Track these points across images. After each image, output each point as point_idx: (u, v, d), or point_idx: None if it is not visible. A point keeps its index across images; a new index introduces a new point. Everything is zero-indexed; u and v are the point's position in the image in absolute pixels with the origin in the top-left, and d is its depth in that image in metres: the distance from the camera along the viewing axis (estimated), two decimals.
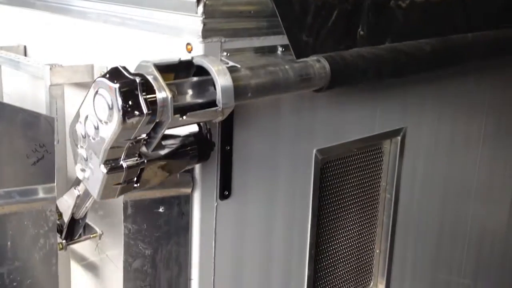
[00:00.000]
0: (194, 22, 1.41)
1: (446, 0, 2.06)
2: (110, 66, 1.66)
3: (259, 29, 1.55)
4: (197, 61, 1.28)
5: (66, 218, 1.49)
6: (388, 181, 2.07)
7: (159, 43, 1.51)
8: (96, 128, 1.17)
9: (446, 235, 2.47)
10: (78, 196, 1.44)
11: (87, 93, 1.19)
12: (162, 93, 1.16)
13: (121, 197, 1.46)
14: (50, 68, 1.64)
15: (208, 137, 1.44)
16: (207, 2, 1.39)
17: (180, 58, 1.27)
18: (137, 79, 1.14)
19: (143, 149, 1.25)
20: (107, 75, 1.14)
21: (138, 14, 1.55)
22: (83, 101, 1.21)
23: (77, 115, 1.23)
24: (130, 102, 1.12)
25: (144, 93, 1.13)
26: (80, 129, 1.22)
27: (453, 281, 2.63)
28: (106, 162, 1.18)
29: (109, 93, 1.13)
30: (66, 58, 1.79)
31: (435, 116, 2.22)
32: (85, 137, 1.21)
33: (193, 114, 1.24)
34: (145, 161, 1.24)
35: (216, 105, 1.26)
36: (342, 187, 1.91)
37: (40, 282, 1.40)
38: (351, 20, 1.71)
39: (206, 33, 1.41)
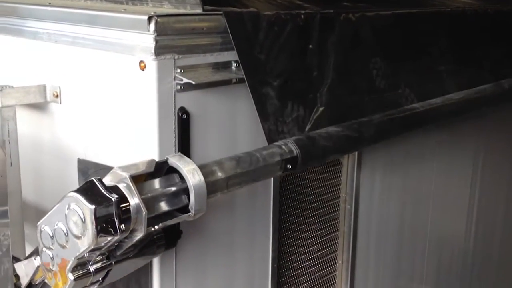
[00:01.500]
0: (146, 40, 1.40)
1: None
2: (62, 86, 1.66)
3: (212, 45, 1.55)
4: (171, 163, 1.28)
5: (23, 282, 1.47)
6: (347, 192, 2.10)
7: (112, 62, 1.50)
8: (66, 236, 1.17)
9: (406, 244, 2.51)
10: (38, 267, 1.42)
11: (60, 201, 1.19)
12: (139, 212, 1.16)
13: None
14: (1, 90, 1.60)
15: (176, 225, 1.44)
16: (158, 19, 1.39)
17: (155, 164, 1.27)
18: (113, 198, 1.14)
19: (113, 251, 1.26)
20: (83, 190, 1.14)
21: (90, 33, 1.54)
22: (54, 207, 1.20)
23: (48, 217, 1.22)
24: (104, 224, 1.13)
25: (119, 213, 1.14)
26: (48, 231, 1.21)
27: None
28: (73, 269, 1.20)
29: (84, 212, 1.12)
30: (17, 79, 1.76)
31: None
32: (53, 238, 1.20)
33: (166, 223, 1.25)
34: (113, 262, 1.26)
35: (188, 211, 1.27)
36: (302, 200, 1.92)
37: None
38: (302, 35, 1.74)
39: (159, 51, 1.41)
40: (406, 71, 2.15)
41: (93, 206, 1.11)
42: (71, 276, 1.20)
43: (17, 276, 1.45)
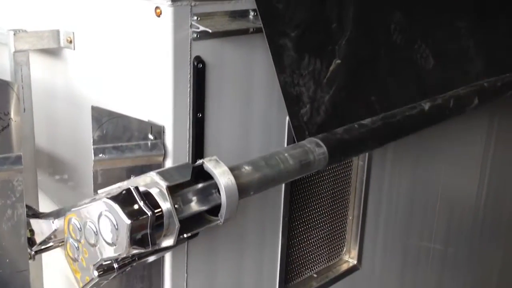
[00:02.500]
0: None
1: None
2: (76, 31, 1.63)
3: None
4: (206, 169, 1.27)
5: (38, 239, 1.47)
6: None
7: (127, 7, 1.47)
8: (96, 235, 1.16)
9: (417, 202, 2.51)
10: (55, 230, 1.42)
11: (94, 201, 1.17)
12: (171, 223, 1.16)
13: (91, 166, 1.44)
14: (14, 34, 1.57)
15: None
16: None
17: (191, 172, 1.24)
18: (149, 213, 1.12)
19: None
20: (121, 200, 1.12)
21: None
22: (87, 205, 1.18)
23: (78, 211, 1.21)
24: (138, 238, 1.12)
25: (153, 228, 1.13)
26: (76, 223, 1.20)
27: (424, 247, 2.68)
28: (99, 267, 1.20)
29: (119, 223, 1.11)
30: (30, 23, 1.73)
31: None
32: (81, 231, 1.19)
33: (193, 232, 1.26)
34: (136, 258, 1.25)
35: (217, 218, 1.27)
36: None
37: (9, 254, 1.37)
38: None
39: None
40: (423, 27, 2.09)
41: (129, 221, 1.10)
42: (95, 273, 1.20)
43: (31, 231, 1.47)
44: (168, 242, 1.20)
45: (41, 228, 1.46)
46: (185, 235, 1.24)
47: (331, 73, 1.71)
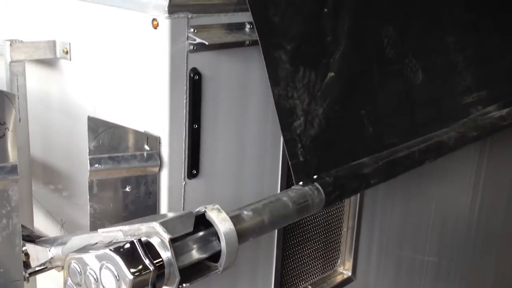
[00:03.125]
0: None
1: None
2: (72, 42, 1.64)
3: (226, 5, 1.52)
4: (208, 218, 1.28)
5: (33, 264, 1.49)
6: None
7: (124, 19, 1.47)
8: (97, 282, 1.17)
9: (411, 214, 2.51)
10: (51, 258, 1.44)
11: (97, 251, 1.17)
12: (172, 275, 1.17)
13: (87, 176, 1.44)
14: (10, 44, 1.58)
15: None
16: None
17: (193, 223, 1.25)
18: (151, 268, 1.13)
19: None
20: (124, 254, 1.13)
21: None
22: (89, 253, 1.19)
23: (79, 256, 1.21)
24: None
25: (154, 281, 1.14)
26: (76, 267, 1.20)
27: (418, 259, 2.68)
28: None
29: (120, 275, 1.12)
30: (27, 33, 1.74)
31: None
32: (81, 274, 1.20)
33: (195, 281, 1.25)
34: None
35: (216, 268, 1.28)
36: None
37: (4, 264, 1.37)
38: None
39: (173, 9, 1.38)
40: (415, 41, 2.11)
41: (131, 277, 1.12)
42: None
43: (27, 255, 1.47)
44: None
45: (37, 254, 1.47)
46: (184, 285, 1.24)
47: (325, 86, 1.72)
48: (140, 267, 1.13)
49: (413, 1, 2.10)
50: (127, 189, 1.47)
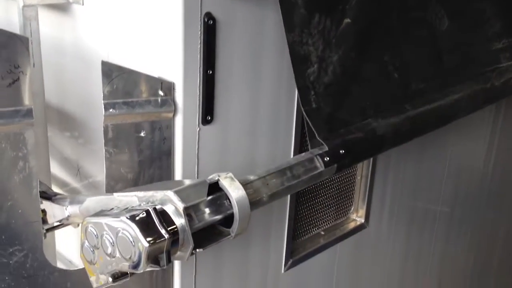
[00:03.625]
0: None
1: None
2: None
3: None
4: (221, 186, 1.29)
5: (49, 220, 1.52)
6: None
7: None
8: (113, 245, 1.19)
9: (425, 164, 2.51)
10: (68, 216, 1.46)
11: (114, 218, 1.19)
12: (186, 242, 1.19)
13: (101, 122, 1.44)
14: None
15: None
16: None
17: (207, 191, 1.27)
18: (166, 236, 1.15)
19: None
20: (140, 222, 1.15)
21: None
22: (106, 218, 1.20)
23: (96, 222, 1.22)
24: (153, 258, 1.16)
25: (169, 248, 1.16)
26: (93, 231, 1.22)
27: (431, 209, 2.69)
28: (113, 275, 1.23)
29: (136, 243, 1.14)
30: None
31: None
32: (97, 237, 1.22)
33: (207, 247, 1.28)
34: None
35: (229, 233, 1.30)
36: None
37: (21, 205, 1.40)
38: None
39: None
40: None
41: (147, 245, 1.14)
42: (110, 279, 1.24)
43: (44, 211, 1.49)
44: (181, 257, 1.23)
45: (53, 211, 1.50)
46: (197, 250, 1.27)
47: (341, 33, 1.69)
48: (155, 235, 1.16)
49: None
50: (142, 134, 1.48)
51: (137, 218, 1.16)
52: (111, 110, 1.42)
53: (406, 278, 2.68)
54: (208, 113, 1.53)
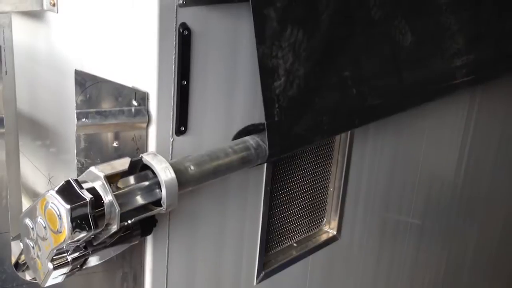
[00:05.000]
0: None
1: None
2: None
3: None
4: (145, 161, 1.36)
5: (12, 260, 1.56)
6: None
7: None
8: (45, 228, 1.24)
9: (397, 176, 2.54)
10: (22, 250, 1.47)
11: (40, 198, 1.24)
12: (112, 208, 1.25)
13: (74, 131, 1.43)
14: None
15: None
16: None
17: (129, 163, 1.34)
18: (88, 198, 1.21)
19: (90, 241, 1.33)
20: (60, 190, 1.21)
21: None
22: (35, 203, 1.26)
23: (28, 211, 1.28)
24: (79, 222, 1.20)
25: (93, 211, 1.22)
26: (29, 223, 1.28)
27: (402, 221, 2.72)
28: (52, 259, 1.28)
29: (60, 210, 1.19)
30: None
31: None
32: (33, 230, 1.27)
33: (138, 218, 1.34)
34: (90, 251, 1.34)
35: (160, 205, 1.35)
36: None
37: None
38: None
39: None
40: (404, 2, 2.08)
41: (68, 206, 1.19)
42: (50, 265, 1.28)
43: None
44: (112, 228, 1.27)
45: (13, 250, 1.54)
46: (130, 221, 1.32)
47: (310, 46, 1.71)
48: (76, 197, 1.21)
49: None
50: (115, 144, 1.47)
51: (56, 188, 1.22)
52: (83, 119, 1.42)
53: None
54: (182, 123, 1.53)
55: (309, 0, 1.69)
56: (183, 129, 1.54)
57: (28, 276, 1.55)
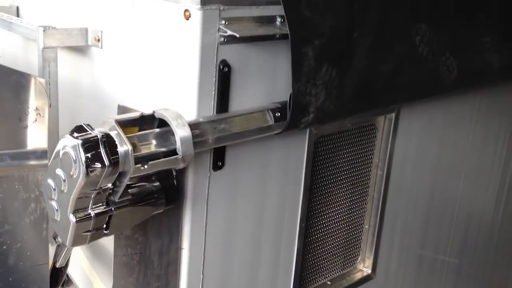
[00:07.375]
0: None
1: None
2: (104, 30, 1.65)
3: None
4: (158, 115, 1.36)
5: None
6: (380, 158, 2.08)
7: (156, 9, 1.48)
8: (64, 181, 1.25)
9: (434, 214, 2.49)
10: (58, 245, 1.49)
11: (55, 150, 1.27)
12: (123, 146, 1.25)
13: None
14: (44, 30, 1.60)
15: (175, 183, 1.49)
16: None
17: (142, 113, 1.35)
18: (99, 135, 1.23)
19: (111, 197, 1.33)
20: (72, 132, 1.24)
21: None
22: (52, 156, 1.27)
23: (48, 170, 1.29)
24: (92, 156, 1.21)
25: (105, 147, 1.22)
26: (51, 183, 1.28)
27: (439, 259, 2.66)
28: (75, 212, 1.26)
29: (73, 149, 1.21)
30: (59, 20, 1.76)
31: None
32: (55, 189, 1.28)
33: (155, 163, 1.32)
34: (113, 208, 1.32)
35: (177, 153, 1.34)
36: (335, 162, 1.91)
37: (30, 247, 1.40)
38: None
39: (205, 0, 1.38)
40: (450, 39, 2.08)
41: (80, 141, 1.21)
42: (72, 218, 1.26)
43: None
44: (127, 173, 1.26)
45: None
46: (145, 166, 1.30)
47: (344, 84, 1.70)
48: (86, 134, 1.23)
49: None
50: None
51: (70, 131, 1.24)
52: None
53: None
54: (219, 159, 1.54)
55: (347, 38, 1.70)
56: (220, 164, 1.55)
57: None
